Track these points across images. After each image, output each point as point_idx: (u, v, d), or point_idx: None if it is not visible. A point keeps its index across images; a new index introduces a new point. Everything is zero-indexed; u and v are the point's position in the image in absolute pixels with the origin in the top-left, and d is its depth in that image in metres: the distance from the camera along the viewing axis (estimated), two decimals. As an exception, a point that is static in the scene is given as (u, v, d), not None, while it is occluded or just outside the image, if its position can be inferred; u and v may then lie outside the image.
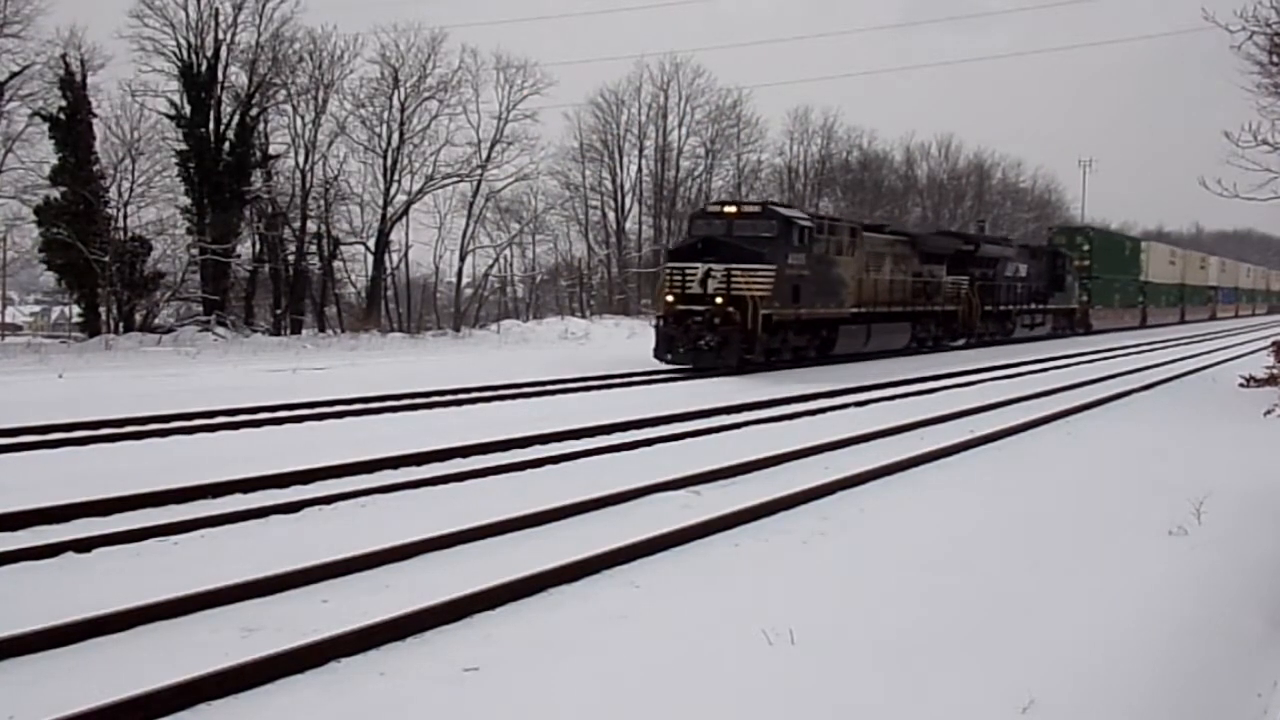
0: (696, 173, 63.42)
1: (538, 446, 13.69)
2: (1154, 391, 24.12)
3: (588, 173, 60.58)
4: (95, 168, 37.54)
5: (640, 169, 61.66)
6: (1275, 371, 23.33)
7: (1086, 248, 54.89)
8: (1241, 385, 23.63)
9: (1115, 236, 67.97)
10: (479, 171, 48.96)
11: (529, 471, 12.14)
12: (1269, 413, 18.07)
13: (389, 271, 48.57)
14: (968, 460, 13.95)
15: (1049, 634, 6.79)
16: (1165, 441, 15.67)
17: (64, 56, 36.93)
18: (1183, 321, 71.40)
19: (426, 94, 48.05)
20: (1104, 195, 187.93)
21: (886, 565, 8.38)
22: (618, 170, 61.17)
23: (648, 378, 23.86)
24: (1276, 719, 5.21)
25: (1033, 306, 44.98)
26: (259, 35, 42.32)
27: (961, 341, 38.41)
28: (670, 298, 25.66)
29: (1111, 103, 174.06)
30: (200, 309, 39.64)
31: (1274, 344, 25.65)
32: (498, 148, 49.94)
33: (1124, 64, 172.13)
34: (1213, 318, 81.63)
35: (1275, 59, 19.86)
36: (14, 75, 35.85)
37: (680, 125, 62.50)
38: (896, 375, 24.78)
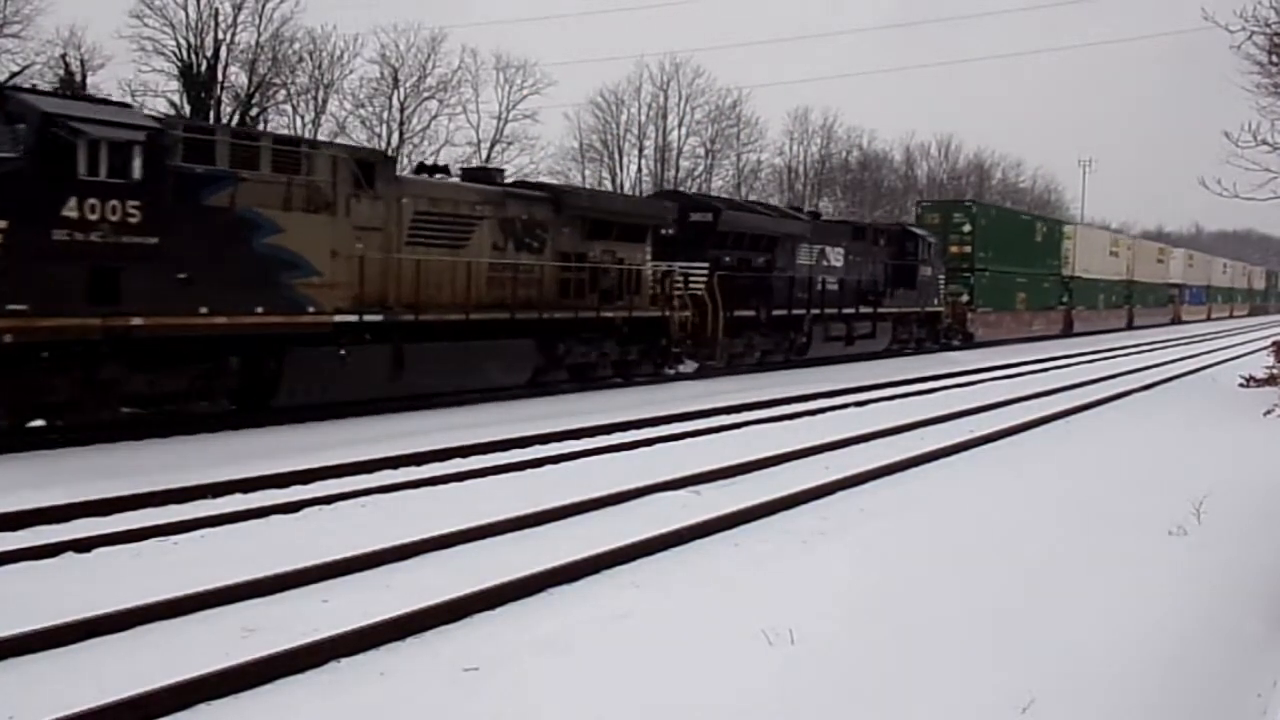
0: (696, 173, 63.53)
1: (538, 446, 13.69)
2: (1153, 392, 24.13)
3: (588, 173, 60.76)
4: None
5: (640, 169, 61.79)
6: (1275, 371, 23.32)
7: (967, 228, 39.79)
8: (1241, 385, 23.62)
9: (1015, 215, 50.55)
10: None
11: (529, 471, 12.15)
12: (1269, 413, 18.06)
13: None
14: (967, 460, 13.95)
15: (1049, 633, 6.78)
16: (1165, 441, 15.67)
17: (64, 56, 37.07)
18: (1131, 327, 58.56)
19: (426, 94, 48.25)
20: (1104, 195, 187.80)
21: (886, 565, 8.38)
22: (618, 170, 61.29)
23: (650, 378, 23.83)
24: (1277, 719, 5.21)
25: (857, 310, 30.20)
26: (259, 35, 42.49)
27: (682, 368, 24.06)
28: None
29: (1111, 103, 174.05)
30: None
31: (1274, 344, 25.64)
32: (498, 148, 50.14)
33: (1124, 64, 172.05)
34: (1176, 321, 69.11)
35: (1275, 59, 19.86)
36: (14, 75, 35.93)
37: (680, 125, 62.68)
38: (896, 375, 24.78)
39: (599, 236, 20.92)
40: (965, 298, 38.68)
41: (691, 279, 23.82)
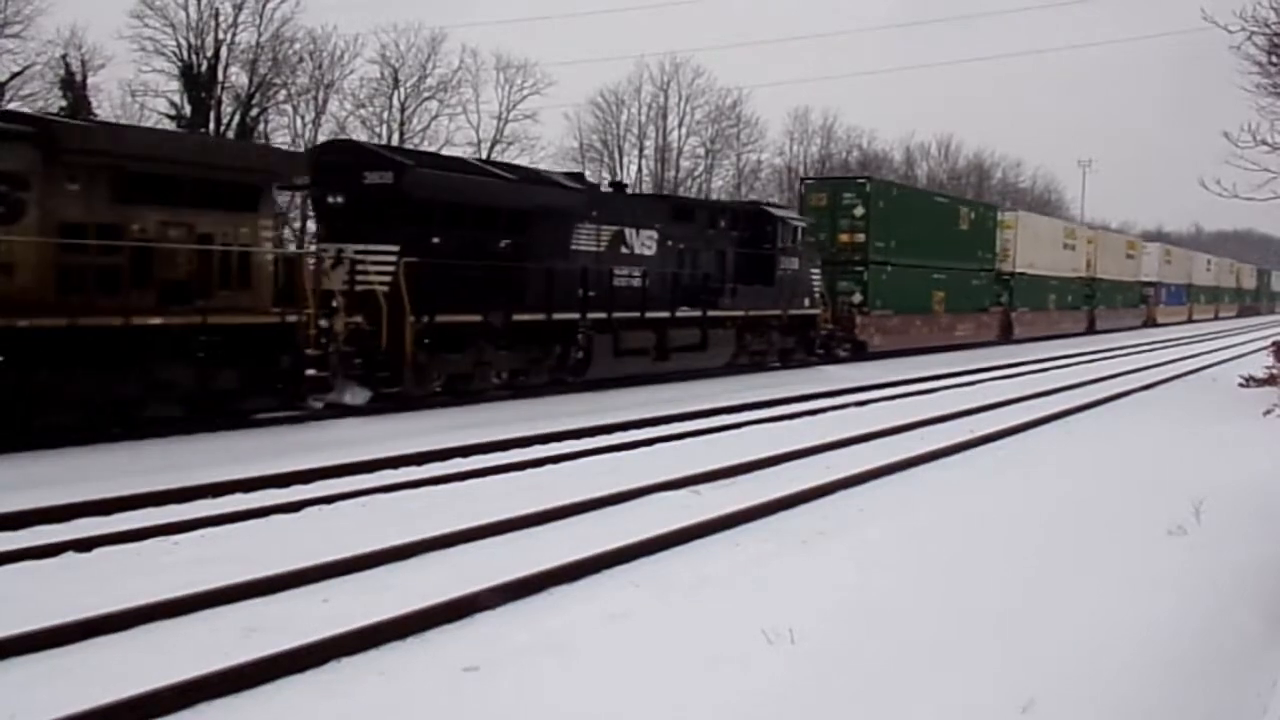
0: (696, 173, 63.56)
1: (538, 446, 13.70)
2: (1153, 391, 24.14)
3: (588, 173, 60.68)
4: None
5: (640, 169, 61.77)
6: (1275, 371, 23.32)
7: (860, 211, 31.13)
8: (1241, 385, 23.63)
9: (928, 197, 40.63)
10: (479, 172, 48.92)
11: (529, 471, 12.15)
12: (1269, 413, 18.06)
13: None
14: (967, 460, 13.96)
15: (1049, 633, 6.78)
16: (1165, 441, 15.68)
17: (64, 57, 37.06)
18: (1092, 331, 50.99)
19: (426, 94, 48.26)
20: (1104, 195, 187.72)
21: (886, 565, 8.38)
22: (618, 170, 61.24)
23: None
24: (1277, 719, 5.21)
25: (673, 315, 22.26)
26: (259, 35, 42.49)
27: (349, 398, 16.17)
28: None
29: (1111, 103, 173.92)
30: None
31: (1274, 344, 25.65)
32: (498, 148, 50.05)
33: (1124, 64, 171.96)
34: (1150, 323, 61.06)
35: (1275, 59, 19.85)
36: (15, 75, 35.95)
37: (680, 125, 62.67)
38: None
39: (152, 200, 13.38)
40: (858, 298, 30.57)
41: (369, 268, 16.58)
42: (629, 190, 27.25)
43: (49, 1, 37.23)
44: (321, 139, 44.50)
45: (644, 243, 21.93)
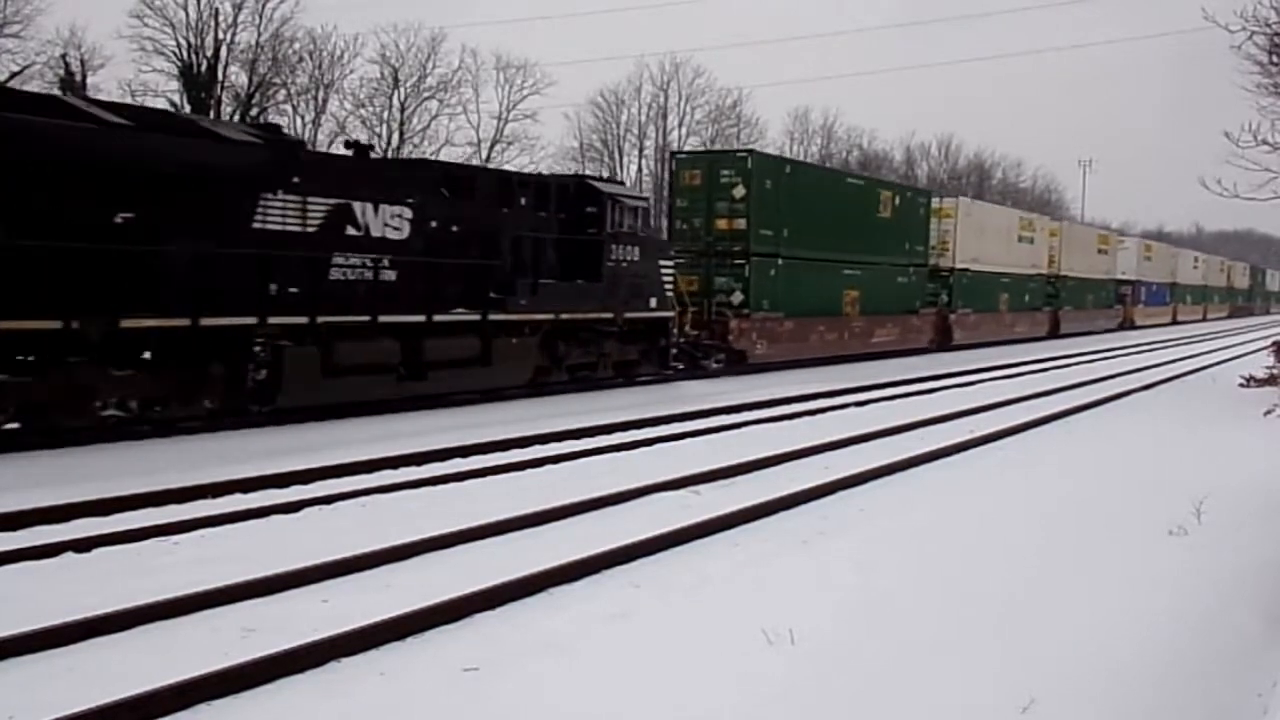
0: (696, 172, 63.41)
1: (538, 446, 13.70)
2: (1153, 391, 24.14)
3: (588, 173, 60.72)
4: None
5: (640, 169, 61.80)
6: (1275, 371, 23.33)
7: (740, 193, 25.62)
8: (1241, 385, 23.63)
9: (836, 179, 34.25)
10: (478, 171, 48.95)
11: (529, 471, 12.15)
12: (1269, 413, 18.06)
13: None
14: (967, 460, 13.96)
15: (1050, 633, 6.78)
16: (1165, 441, 15.68)
17: (64, 56, 37.09)
18: (1056, 334, 45.77)
19: (426, 94, 48.29)
20: (1104, 195, 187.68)
21: (887, 565, 8.38)
22: (618, 170, 61.30)
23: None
24: (1276, 719, 5.21)
25: (430, 319, 16.73)
26: (259, 35, 42.53)
27: None
28: None
29: (1111, 103, 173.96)
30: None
31: (1274, 344, 25.65)
32: (498, 148, 50.18)
33: (1124, 64, 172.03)
34: (1128, 325, 56.90)
35: (1275, 59, 19.86)
36: (14, 75, 35.96)
37: (680, 125, 62.69)
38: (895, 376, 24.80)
39: None
40: (738, 297, 25.29)
41: None
42: (379, 155, 19.32)
43: (49, 1, 37.27)
44: (322, 139, 44.52)
45: (388, 222, 16.03)
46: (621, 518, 9.71)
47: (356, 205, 15.65)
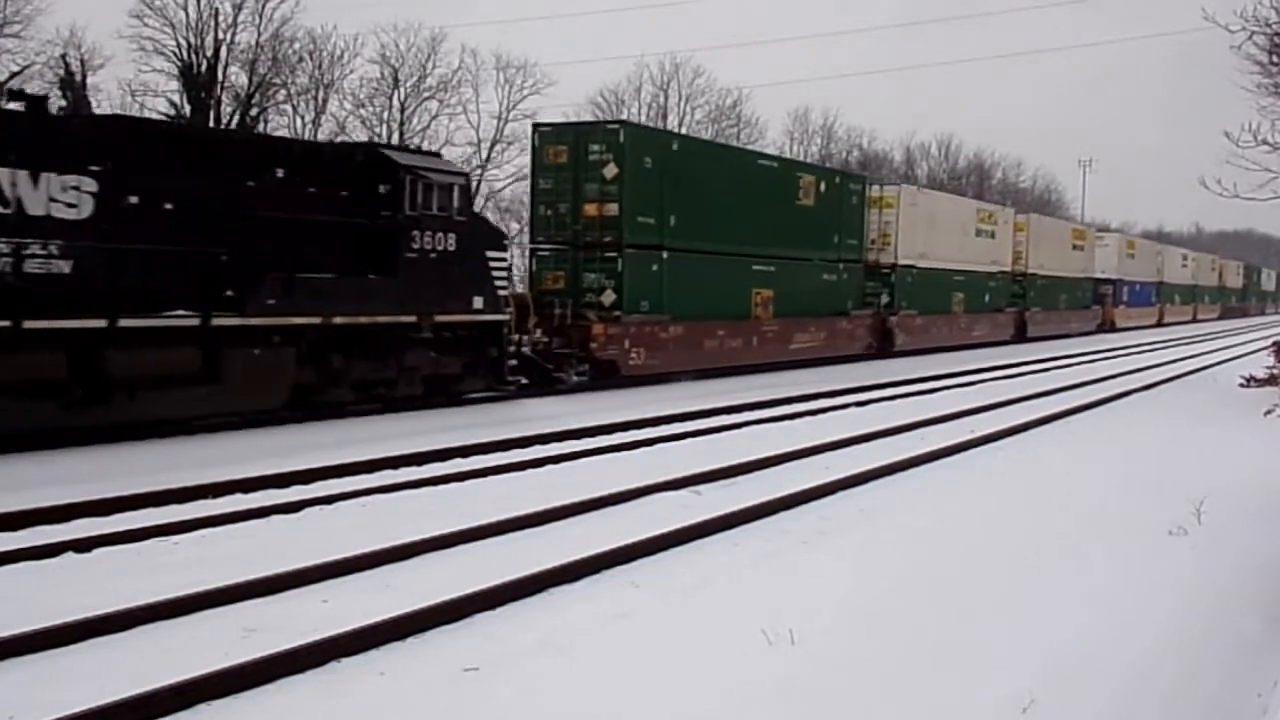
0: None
1: (538, 446, 13.70)
2: (1153, 392, 24.14)
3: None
4: (95, 168, 37.57)
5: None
6: (1275, 371, 23.33)
7: (612, 172, 21.61)
8: (1241, 385, 23.63)
9: (737, 156, 30.69)
10: (479, 171, 49.06)
11: (529, 471, 12.15)
12: (1269, 413, 18.06)
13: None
14: (968, 460, 13.95)
15: (1050, 633, 6.78)
16: (1165, 441, 15.68)
17: (64, 56, 37.02)
18: (1022, 338, 41.37)
19: (426, 94, 48.25)
20: (1104, 195, 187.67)
21: (887, 565, 8.38)
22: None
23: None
24: (1276, 719, 5.21)
25: (150, 321, 12.92)
26: (259, 35, 42.48)
27: None
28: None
29: (1111, 103, 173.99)
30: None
31: (1274, 344, 25.65)
32: (498, 148, 50.05)
33: (1124, 64, 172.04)
34: (1108, 326, 52.98)
35: (1275, 59, 19.85)
36: (14, 75, 35.91)
37: (680, 125, 62.50)
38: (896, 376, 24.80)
39: None
40: (610, 296, 21.25)
41: None
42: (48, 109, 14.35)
43: (48, 1, 37.26)
44: (322, 139, 44.53)
45: (57, 197, 12.31)
46: (621, 518, 9.71)
47: (5, 174, 11.82)
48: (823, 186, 28.34)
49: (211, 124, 40.31)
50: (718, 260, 24.06)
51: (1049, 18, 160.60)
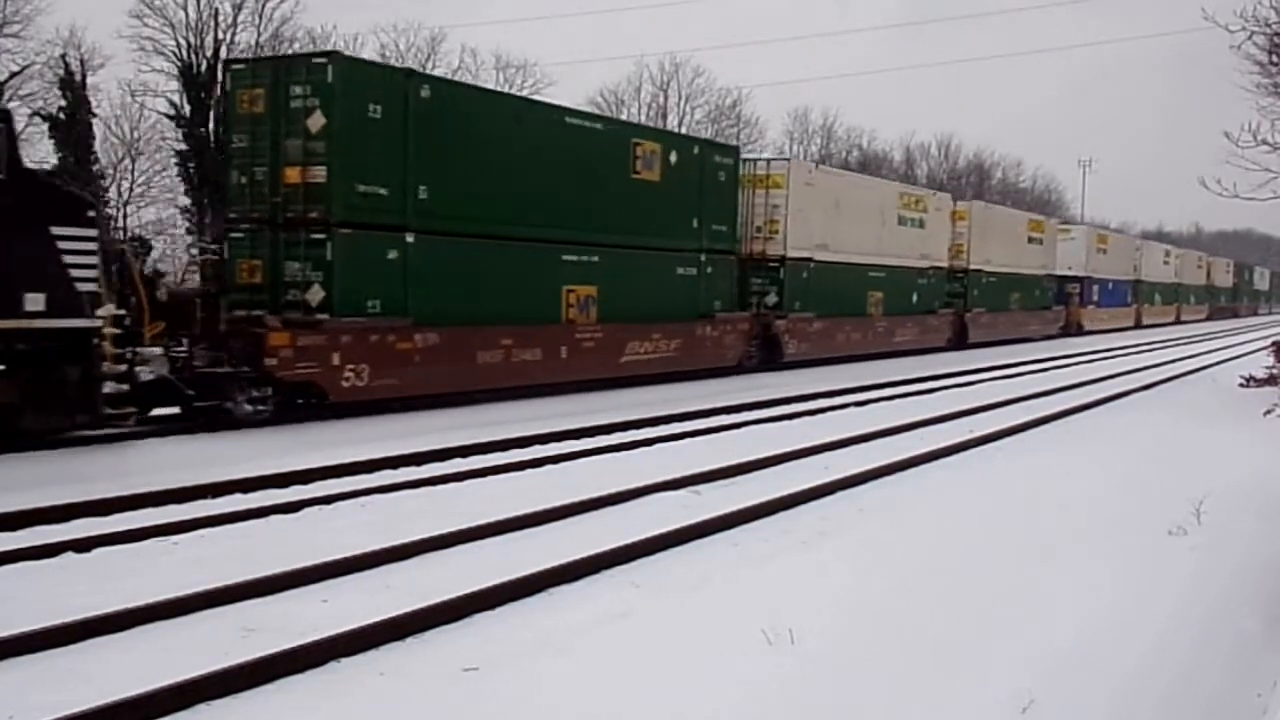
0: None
1: (537, 446, 13.70)
2: (1153, 392, 24.14)
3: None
4: (95, 168, 37.71)
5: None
6: (1275, 371, 23.33)
7: (318, 124, 15.57)
8: (1241, 385, 23.63)
9: (533, 110, 21.14)
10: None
11: (529, 471, 12.15)
12: (1269, 413, 18.06)
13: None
14: (967, 460, 13.95)
15: (1049, 633, 6.78)
16: (1164, 441, 15.67)
17: (64, 56, 37.06)
18: (963, 343, 36.47)
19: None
20: (1104, 195, 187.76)
21: (886, 565, 8.38)
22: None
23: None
24: (1276, 719, 5.21)
25: None
26: (259, 35, 42.49)
27: None
28: None
29: (1111, 103, 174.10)
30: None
31: (1274, 344, 25.65)
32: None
33: (1124, 64, 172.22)
34: (1073, 330, 48.24)
35: (1275, 59, 19.86)
36: (14, 75, 35.97)
37: (680, 125, 62.55)
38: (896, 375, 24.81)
39: None
40: (318, 294, 15.69)
41: None
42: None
43: (48, 1, 37.26)
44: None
45: None
46: (621, 518, 9.71)
47: None
48: (673, 157, 22.26)
49: (212, 124, 40.36)
50: (505, 248, 18.16)
51: (1049, 18, 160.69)
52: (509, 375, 18.39)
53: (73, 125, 36.68)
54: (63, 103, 36.80)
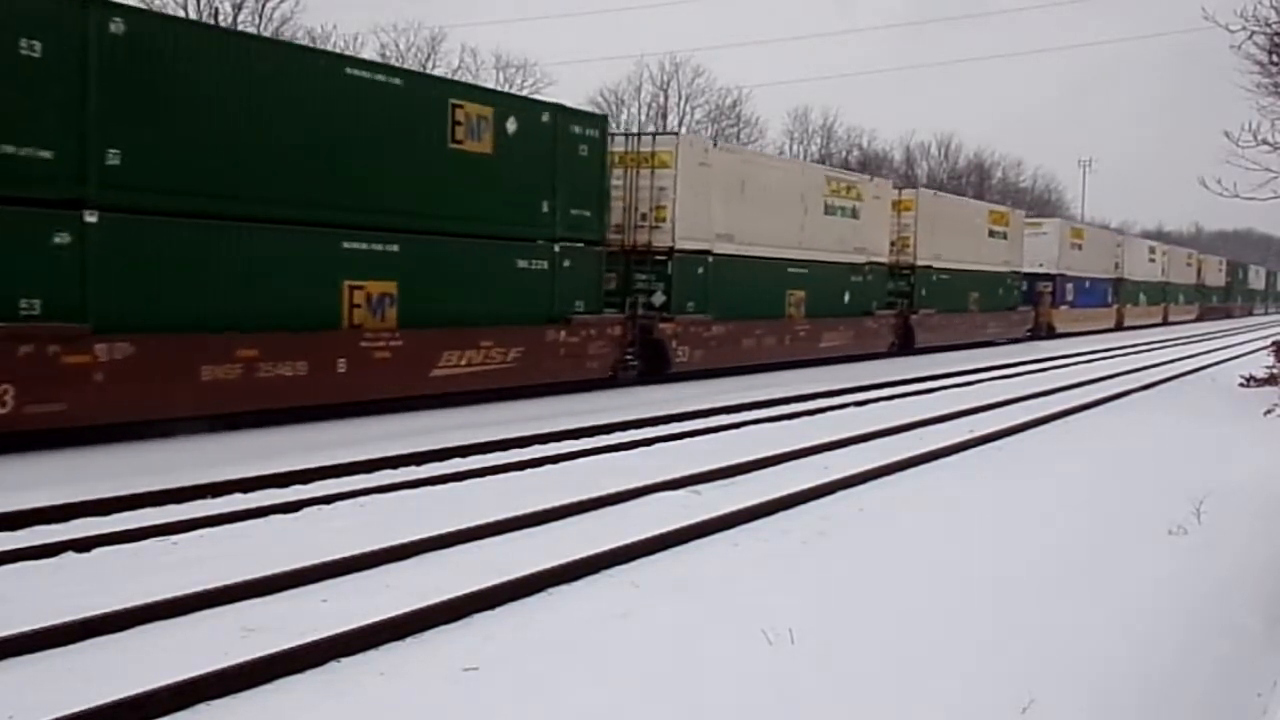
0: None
1: (537, 446, 13.70)
2: (1153, 391, 24.15)
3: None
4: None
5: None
6: (1275, 371, 23.35)
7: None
8: (1241, 385, 23.65)
9: (284, 52, 17.91)
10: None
11: (529, 471, 12.15)
12: (1269, 412, 18.07)
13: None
14: (967, 460, 13.96)
15: (1049, 633, 6.79)
16: (1164, 441, 15.69)
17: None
18: (909, 348, 32.87)
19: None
20: (1104, 195, 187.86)
21: (886, 565, 8.38)
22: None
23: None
24: (1276, 719, 5.21)
25: None
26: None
27: None
28: None
29: (1111, 103, 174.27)
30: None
31: (1274, 344, 25.67)
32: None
33: (1125, 64, 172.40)
34: (1044, 332, 44.51)
35: (1275, 59, 19.88)
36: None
37: (680, 125, 62.58)
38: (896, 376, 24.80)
39: None
40: None
41: None
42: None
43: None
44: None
45: None
46: (621, 518, 9.71)
47: None
48: (512, 125, 18.09)
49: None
50: (250, 231, 14.47)
51: (1049, 18, 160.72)
52: (253, 396, 14.40)
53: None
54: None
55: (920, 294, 33.72)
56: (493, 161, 17.83)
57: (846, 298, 29.34)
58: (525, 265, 18.72)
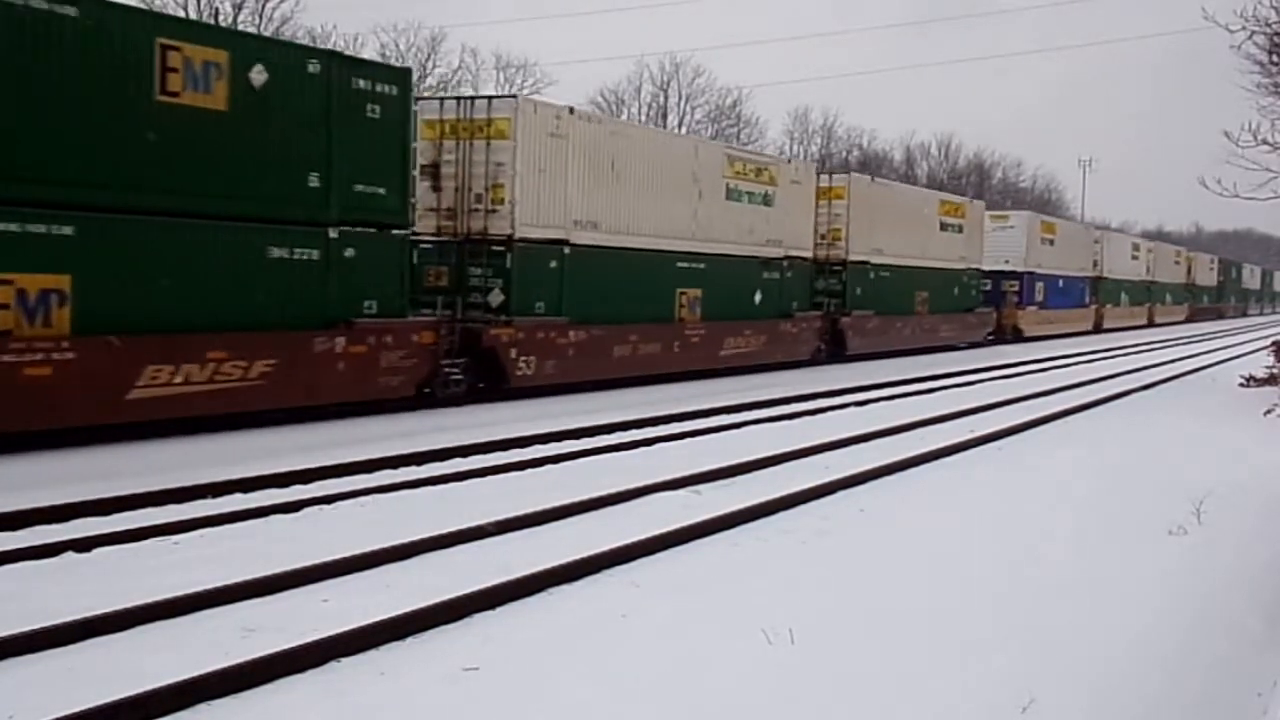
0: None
1: (537, 446, 13.70)
2: (1153, 391, 24.15)
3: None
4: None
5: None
6: (1275, 371, 23.35)
7: None
8: (1241, 385, 23.65)
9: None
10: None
11: (529, 471, 12.15)
12: (1269, 412, 18.07)
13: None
14: (967, 460, 13.96)
15: (1049, 633, 6.79)
16: (1164, 441, 15.68)
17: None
18: (840, 354, 28.65)
19: (427, 94, 48.15)
20: (1104, 195, 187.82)
21: (887, 565, 8.38)
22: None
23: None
24: (1277, 719, 5.21)
25: None
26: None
27: None
28: None
29: (1111, 103, 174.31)
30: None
31: (1274, 344, 25.67)
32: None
33: (1124, 64, 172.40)
34: (1009, 335, 40.71)
35: (1275, 59, 19.88)
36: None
37: (680, 125, 62.61)
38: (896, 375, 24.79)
39: None
40: None
41: None
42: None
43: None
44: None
45: None
46: (621, 518, 9.71)
47: None
48: (259, 76, 14.05)
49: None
50: None
51: (1049, 18, 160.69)
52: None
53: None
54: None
55: (854, 293, 29.53)
56: (228, 120, 13.75)
57: (758, 298, 25.34)
58: (282, 254, 14.60)
